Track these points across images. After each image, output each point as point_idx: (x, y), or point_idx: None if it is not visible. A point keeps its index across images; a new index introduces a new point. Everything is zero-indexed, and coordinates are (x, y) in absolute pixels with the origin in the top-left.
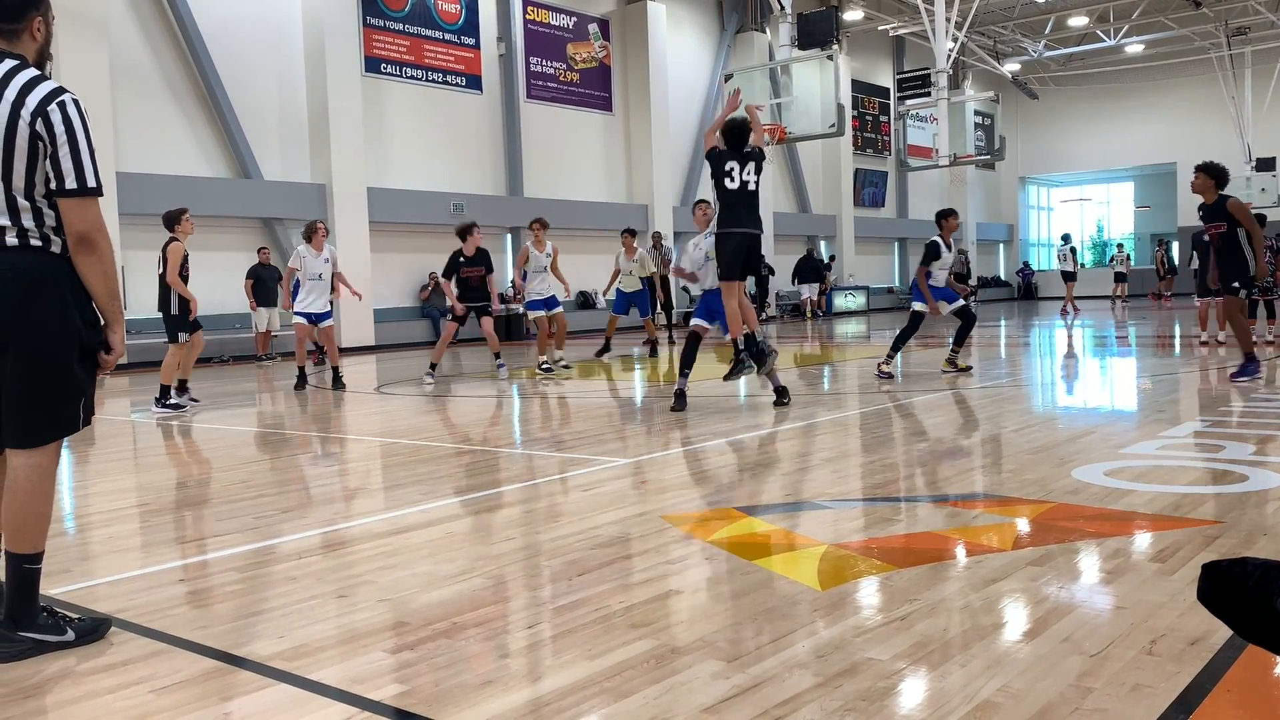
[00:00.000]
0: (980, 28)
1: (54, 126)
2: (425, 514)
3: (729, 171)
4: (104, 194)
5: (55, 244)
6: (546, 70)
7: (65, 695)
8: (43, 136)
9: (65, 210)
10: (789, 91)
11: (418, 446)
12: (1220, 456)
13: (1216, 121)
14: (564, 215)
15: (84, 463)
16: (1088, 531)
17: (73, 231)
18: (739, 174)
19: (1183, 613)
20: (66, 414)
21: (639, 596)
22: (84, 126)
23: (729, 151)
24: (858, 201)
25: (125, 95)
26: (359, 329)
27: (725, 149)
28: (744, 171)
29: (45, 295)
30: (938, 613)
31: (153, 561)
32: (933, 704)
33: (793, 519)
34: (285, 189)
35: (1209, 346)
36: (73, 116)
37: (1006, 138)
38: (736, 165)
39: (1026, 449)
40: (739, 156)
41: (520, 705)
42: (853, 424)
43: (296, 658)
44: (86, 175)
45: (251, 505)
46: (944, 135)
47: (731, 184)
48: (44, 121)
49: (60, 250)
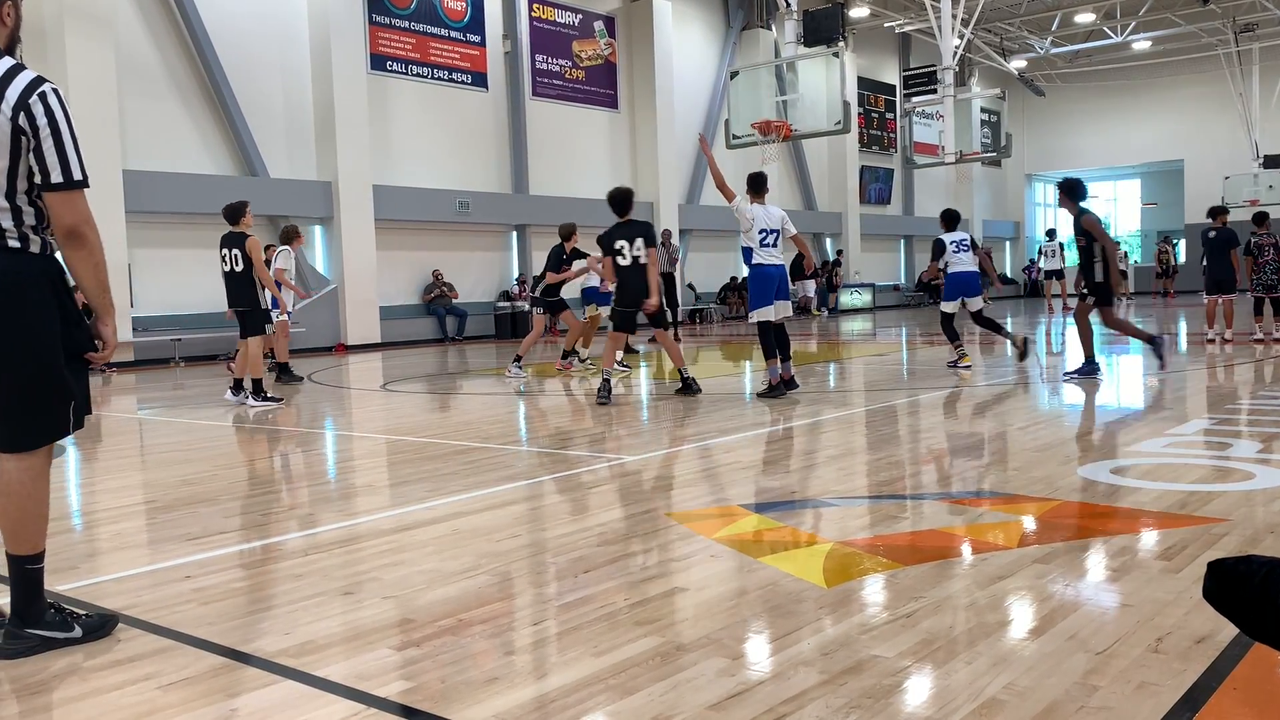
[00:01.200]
0: (986, 24)
1: (37, 119)
2: (431, 511)
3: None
4: (90, 185)
5: (34, 243)
6: (552, 67)
7: (72, 691)
8: (25, 131)
9: (52, 204)
10: (795, 89)
11: (423, 444)
12: (1227, 454)
13: (1224, 118)
14: (569, 213)
15: (91, 460)
16: (1094, 529)
17: (61, 225)
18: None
19: (1189, 610)
20: (55, 416)
21: (644, 594)
22: (66, 117)
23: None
24: (863, 199)
25: (131, 93)
26: (364, 327)
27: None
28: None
29: (26, 297)
30: (943, 610)
31: (159, 558)
32: (938, 701)
33: (798, 516)
34: (291, 186)
35: (1215, 344)
36: (54, 107)
37: (1013, 135)
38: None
39: (1032, 446)
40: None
41: (526, 702)
42: (858, 421)
43: (303, 654)
44: (72, 167)
45: (258, 502)
46: (950, 132)
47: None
48: (26, 115)
49: (39, 249)
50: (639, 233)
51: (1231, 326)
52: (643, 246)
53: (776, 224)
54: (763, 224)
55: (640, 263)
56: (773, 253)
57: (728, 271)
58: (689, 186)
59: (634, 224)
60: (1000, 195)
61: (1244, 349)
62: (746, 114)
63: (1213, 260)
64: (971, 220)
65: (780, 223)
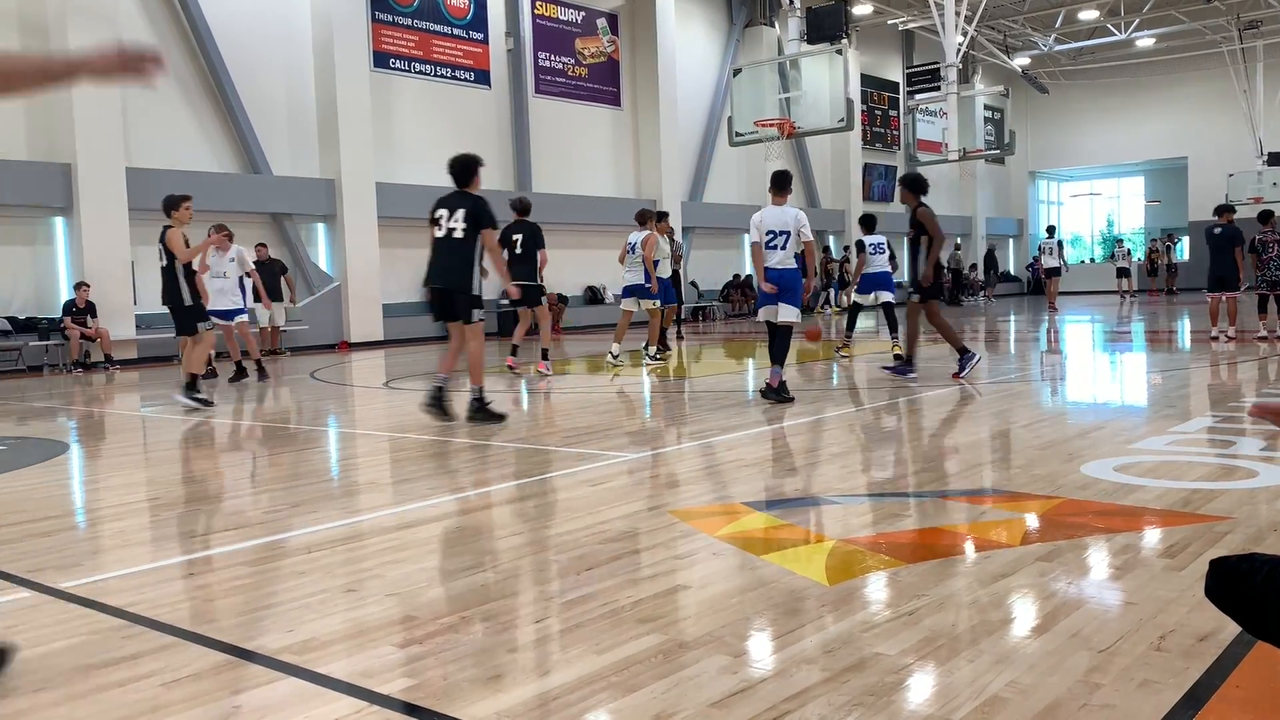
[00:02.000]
0: (990, 21)
1: None
2: (434, 508)
3: (435, 219)
4: None
5: None
6: (555, 65)
7: (76, 689)
8: None
9: None
10: (798, 86)
11: (426, 441)
12: (1230, 452)
13: (1228, 116)
14: (572, 210)
15: (95, 457)
16: (1097, 527)
17: None
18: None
19: (1192, 609)
20: None
21: (647, 591)
22: None
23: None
24: (866, 196)
25: (134, 91)
26: (367, 324)
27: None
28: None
29: None
30: (946, 608)
31: (162, 555)
32: (940, 699)
33: (801, 514)
34: (294, 184)
35: (1219, 341)
36: None
37: (1016, 132)
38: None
39: (1035, 444)
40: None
41: (528, 699)
42: (861, 419)
43: (306, 651)
44: None
45: (260, 499)
46: (953, 130)
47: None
48: None
49: None
50: (464, 205)
51: (1235, 324)
52: (462, 221)
53: (785, 226)
54: (770, 225)
55: (455, 238)
56: (778, 255)
57: (730, 269)
58: (692, 184)
59: (465, 197)
60: (1004, 193)
61: (1248, 347)
62: (749, 111)
63: (1216, 258)
64: (975, 218)
65: (793, 224)
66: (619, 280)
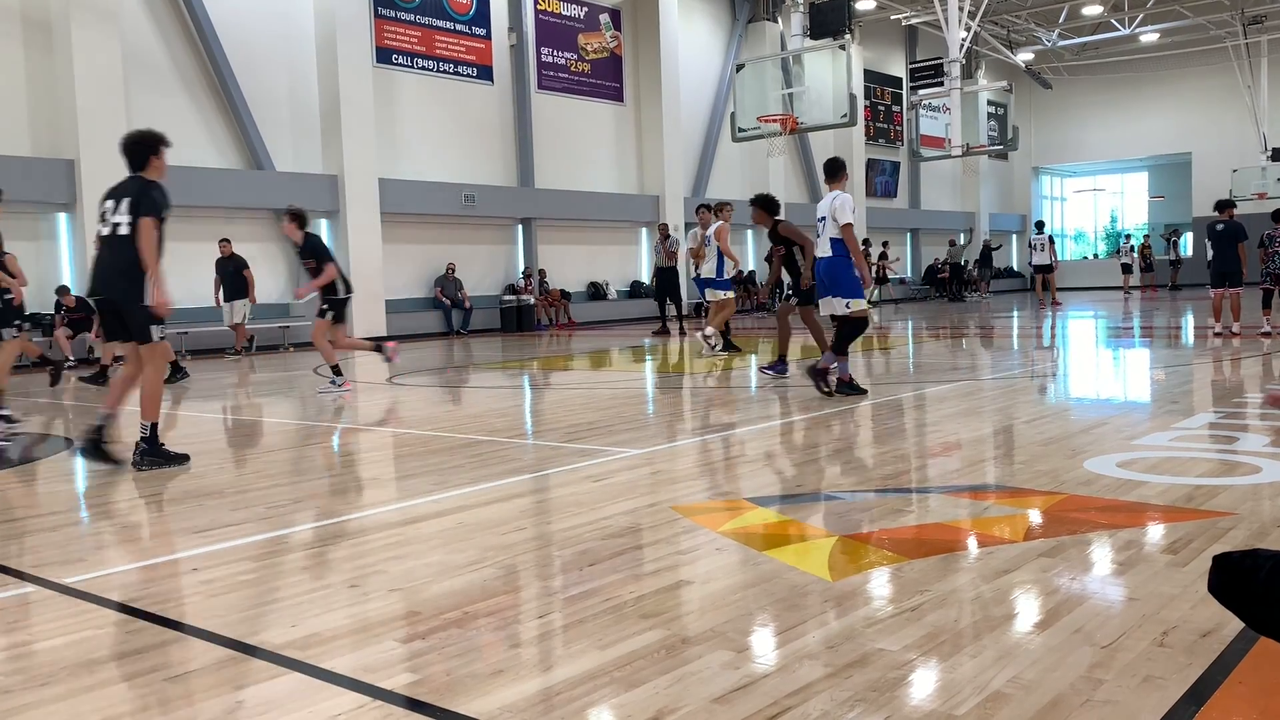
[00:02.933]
0: (993, 17)
1: None
2: (437, 504)
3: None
4: None
5: None
6: (557, 60)
7: (79, 683)
8: None
9: None
10: (801, 81)
11: (429, 437)
12: (1234, 448)
13: (1232, 111)
14: (574, 206)
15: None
16: (1100, 523)
17: None
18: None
19: (1194, 605)
20: None
21: (650, 587)
22: None
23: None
24: (870, 192)
25: (137, 86)
26: (371, 320)
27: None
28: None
29: None
30: (949, 604)
31: (166, 551)
32: (943, 695)
33: (804, 510)
34: (297, 180)
35: (1223, 338)
36: None
37: (1019, 128)
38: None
39: (1038, 440)
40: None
41: (531, 694)
42: (863, 415)
43: (309, 646)
44: None
45: (263, 495)
46: (957, 125)
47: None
48: None
49: None
50: (130, 194)
51: (1238, 319)
52: (127, 213)
53: (823, 211)
54: (819, 213)
55: (120, 235)
56: (821, 244)
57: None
58: (694, 180)
59: (134, 182)
60: (1007, 188)
61: (1252, 342)
62: (752, 107)
63: (1218, 253)
64: (978, 213)
65: (828, 209)
66: (624, 276)
